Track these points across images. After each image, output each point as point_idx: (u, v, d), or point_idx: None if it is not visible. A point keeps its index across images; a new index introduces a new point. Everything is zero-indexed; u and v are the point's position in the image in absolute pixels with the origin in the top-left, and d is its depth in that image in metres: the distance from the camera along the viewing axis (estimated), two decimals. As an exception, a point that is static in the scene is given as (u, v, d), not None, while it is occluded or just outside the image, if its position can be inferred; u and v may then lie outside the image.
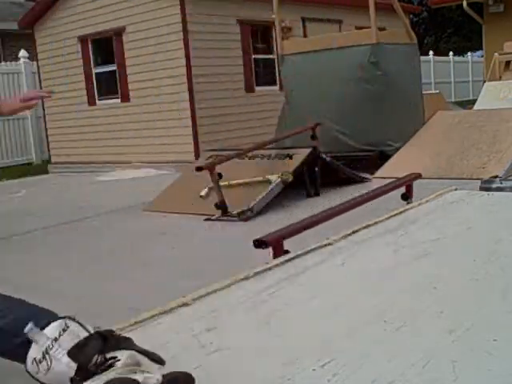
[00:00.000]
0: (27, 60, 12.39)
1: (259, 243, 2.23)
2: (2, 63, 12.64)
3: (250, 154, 6.46)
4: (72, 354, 1.15)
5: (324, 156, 6.32)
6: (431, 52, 21.62)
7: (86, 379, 1.09)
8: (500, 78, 9.81)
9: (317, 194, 6.17)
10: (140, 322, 1.24)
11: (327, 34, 8.76)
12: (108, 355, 1.11)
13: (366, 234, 1.84)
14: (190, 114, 9.17)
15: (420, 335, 1.10)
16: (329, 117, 7.55)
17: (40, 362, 1.20)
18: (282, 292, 1.38)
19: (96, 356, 1.13)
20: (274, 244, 2.22)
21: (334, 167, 6.45)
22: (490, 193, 2.40)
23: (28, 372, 1.24)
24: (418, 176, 4.68)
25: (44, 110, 11.64)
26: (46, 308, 1.40)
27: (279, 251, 2.22)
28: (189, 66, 9.06)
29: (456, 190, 2.38)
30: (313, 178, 6.21)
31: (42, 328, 1.22)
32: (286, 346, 1.09)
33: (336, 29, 11.43)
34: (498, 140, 6.72)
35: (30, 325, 1.21)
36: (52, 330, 1.21)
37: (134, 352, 1.02)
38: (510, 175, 5.47)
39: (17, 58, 12.87)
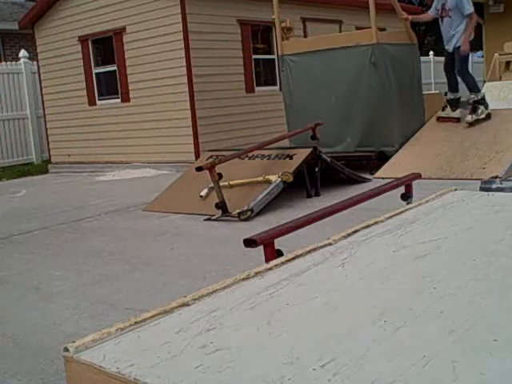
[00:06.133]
0: (27, 60, 12.40)
1: (249, 242, 2.21)
2: (3, 63, 12.64)
3: (250, 154, 6.47)
4: None
5: (324, 156, 6.32)
6: (431, 52, 21.62)
7: None
8: (500, 78, 9.82)
9: (317, 195, 6.18)
10: (140, 322, 1.24)
11: (327, 34, 8.77)
12: None
13: (366, 234, 1.84)
14: (190, 114, 9.17)
15: (420, 335, 1.10)
16: (329, 117, 7.55)
17: None
18: (282, 292, 1.38)
19: None
20: (265, 243, 2.19)
21: (334, 167, 6.45)
22: (490, 193, 2.40)
23: None
24: (418, 176, 4.66)
25: (44, 109, 11.65)
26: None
27: (270, 251, 2.20)
28: (189, 66, 9.06)
29: (456, 190, 2.38)
30: (313, 178, 6.21)
31: None
32: (285, 346, 1.09)
33: (336, 29, 11.43)
34: (498, 140, 6.72)
35: None
36: None
37: None
38: (510, 175, 5.48)
39: (17, 58, 12.88)
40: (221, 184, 5.53)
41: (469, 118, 7.28)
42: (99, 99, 10.66)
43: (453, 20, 7.17)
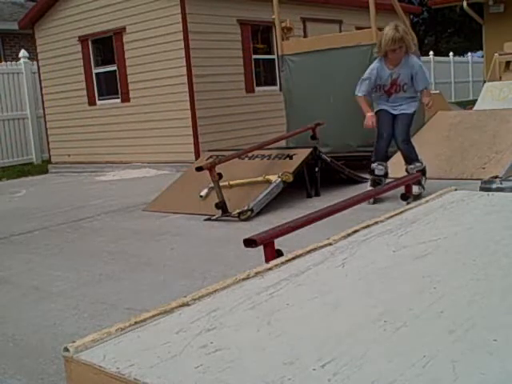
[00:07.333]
0: (27, 60, 12.40)
1: (249, 242, 2.21)
2: (3, 63, 12.64)
3: (250, 154, 6.47)
4: None
5: (324, 156, 6.32)
6: (431, 52, 21.66)
7: None
8: (500, 78, 9.81)
9: (317, 195, 6.18)
10: (140, 322, 1.24)
11: (327, 35, 8.77)
12: None
13: (366, 234, 1.84)
14: (190, 114, 9.17)
15: (420, 335, 1.10)
16: (329, 117, 7.55)
17: None
18: (282, 292, 1.38)
19: None
20: (265, 243, 2.20)
21: (334, 167, 6.45)
22: (490, 193, 2.40)
23: None
24: (418, 176, 4.63)
25: (44, 109, 11.65)
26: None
27: (270, 251, 2.20)
28: (189, 66, 9.06)
29: (456, 190, 2.38)
30: (313, 178, 6.21)
31: None
32: (285, 346, 1.09)
33: (336, 29, 11.43)
34: (498, 140, 6.72)
35: None
36: None
37: None
38: (509, 175, 5.48)
39: (17, 58, 12.88)
40: (221, 184, 5.53)
41: (416, 189, 5.65)
42: (99, 99, 10.66)
43: (406, 95, 5.62)
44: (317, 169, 6.22)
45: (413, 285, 1.37)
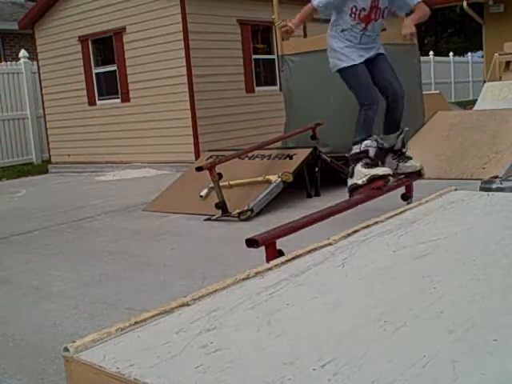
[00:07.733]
0: (27, 60, 12.39)
1: (251, 242, 2.22)
2: (3, 63, 12.64)
3: (250, 154, 6.46)
4: None
5: (324, 156, 6.32)
6: (431, 52, 21.67)
7: None
8: (500, 79, 9.82)
9: (317, 195, 6.18)
10: (140, 322, 1.24)
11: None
12: None
13: (366, 233, 1.84)
14: (190, 114, 9.17)
15: (420, 335, 1.10)
16: (329, 117, 7.55)
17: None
18: (282, 292, 1.38)
19: None
20: (267, 243, 2.20)
21: (334, 167, 6.45)
22: (490, 193, 2.40)
23: None
24: (418, 176, 4.61)
25: (44, 109, 11.65)
26: None
27: (272, 251, 2.21)
28: (189, 66, 9.06)
29: (456, 190, 2.38)
30: (313, 178, 6.21)
31: None
32: (285, 346, 1.09)
33: (336, 29, 11.43)
34: (498, 140, 6.71)
35: None
36: None
37: None
38: (509, 175, 5.48)
39: (17, 58, 12.88)
40: (221, 184, 5.53)
41: (417, 164, 4.92)
42: (99, 99, 10.66)
43: (378, 30, 4.92)
44: (317, 169, 6.22)
45: (413, 285, 1.37)
